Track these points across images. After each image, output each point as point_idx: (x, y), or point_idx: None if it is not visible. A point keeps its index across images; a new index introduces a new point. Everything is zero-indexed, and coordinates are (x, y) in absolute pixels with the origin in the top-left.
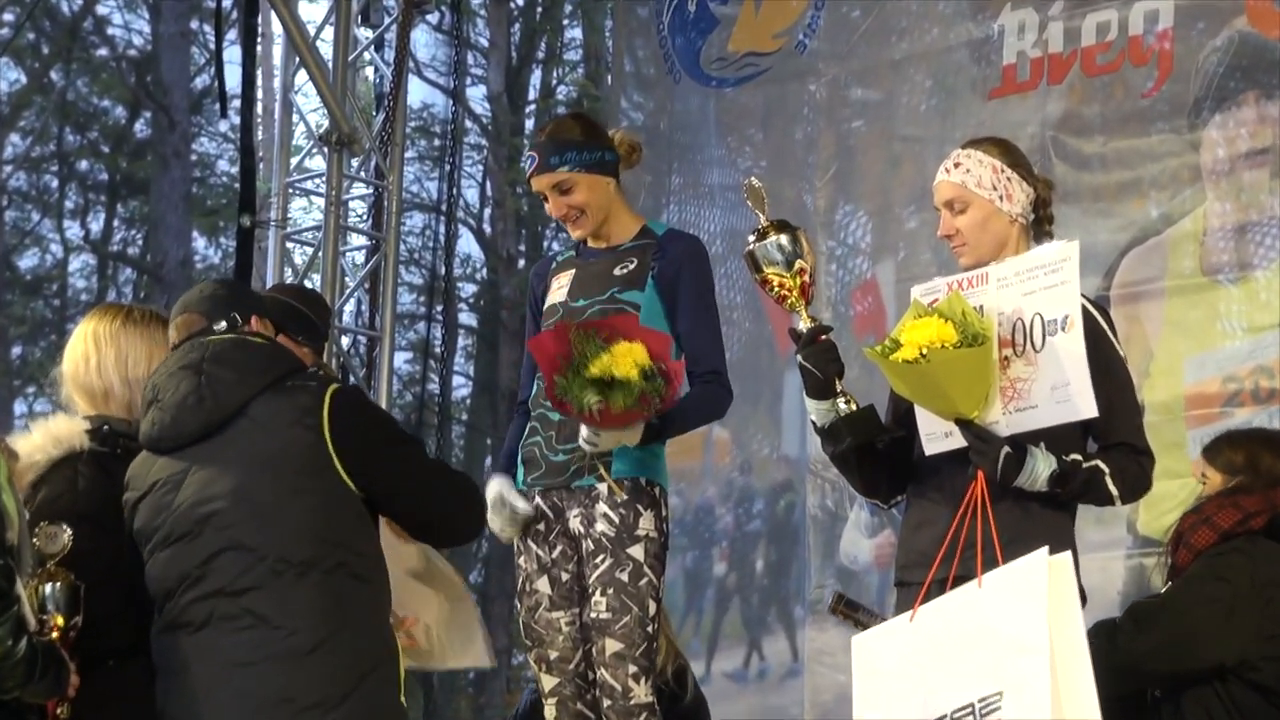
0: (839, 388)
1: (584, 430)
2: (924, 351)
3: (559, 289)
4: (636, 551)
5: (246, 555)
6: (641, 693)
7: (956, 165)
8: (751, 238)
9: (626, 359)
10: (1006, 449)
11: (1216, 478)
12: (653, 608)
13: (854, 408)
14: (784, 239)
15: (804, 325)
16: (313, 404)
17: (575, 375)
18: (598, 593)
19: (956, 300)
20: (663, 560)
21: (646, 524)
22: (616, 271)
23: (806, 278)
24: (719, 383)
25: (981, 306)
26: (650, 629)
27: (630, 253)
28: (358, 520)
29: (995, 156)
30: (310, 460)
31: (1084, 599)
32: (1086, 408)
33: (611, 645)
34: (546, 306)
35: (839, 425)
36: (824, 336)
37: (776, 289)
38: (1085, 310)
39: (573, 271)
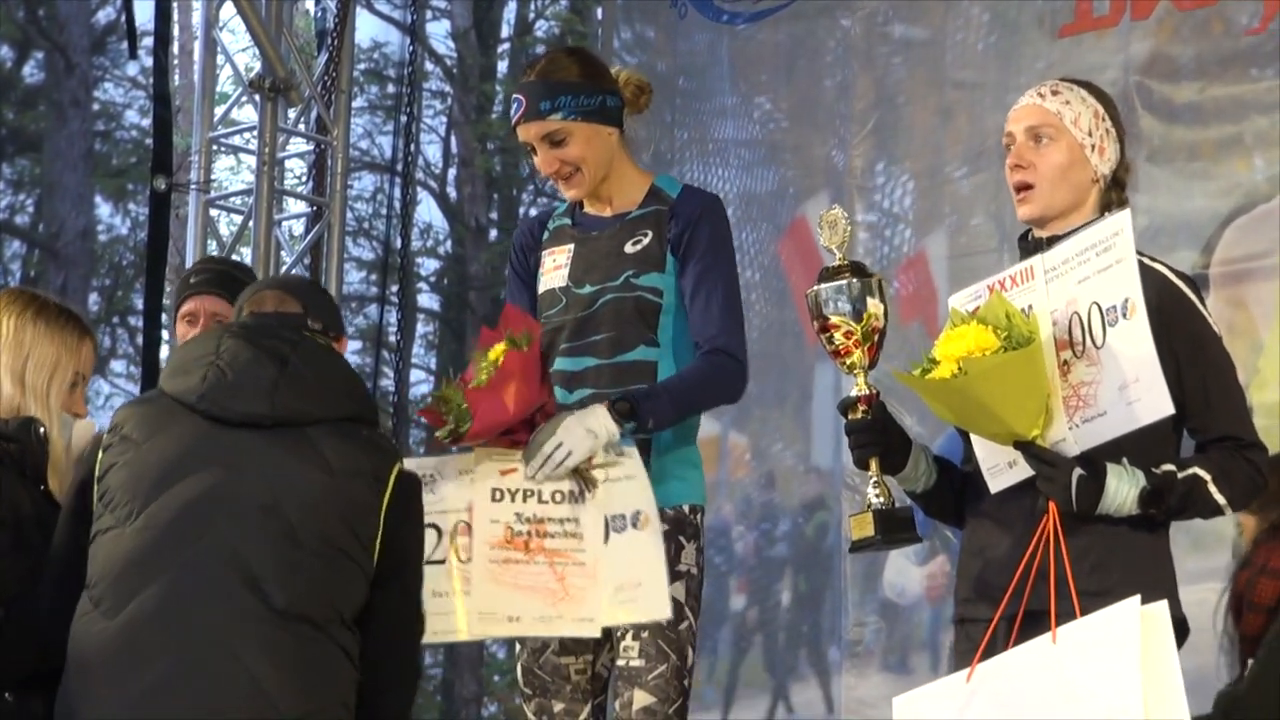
0: (874, 473)
1: (544, 450)
2: (961, 365)
3: (556, 268)
4: (677, 590)
5: (248, 589)
6: None
7: (1055, 93)
8: (820, 279)
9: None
10: (1079, 471)
11: (1250, 520)
12: (690, 657)
13: (886, 501)
14: (857, 284)
15: (855, 392)
16: (383, 468)
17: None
18: (629, 636)
19: (998, 302)
20: (700, 600)
21: (689, 558)
22: (629, 248)
23: (877, 338)
24: (726, 356)
25: (1030, 306)
26: (686, 683)
27: (642, 223)
28: (363, 601)
29: (1098, 101)
30: (365, 524)
31: (1186, 632)
32: (1161, 405)
33: (641, 698)
34: (544, 292)
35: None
36: (864, 409)
37: (839, 341)
38: (1164, 280)
39: (571, 246)
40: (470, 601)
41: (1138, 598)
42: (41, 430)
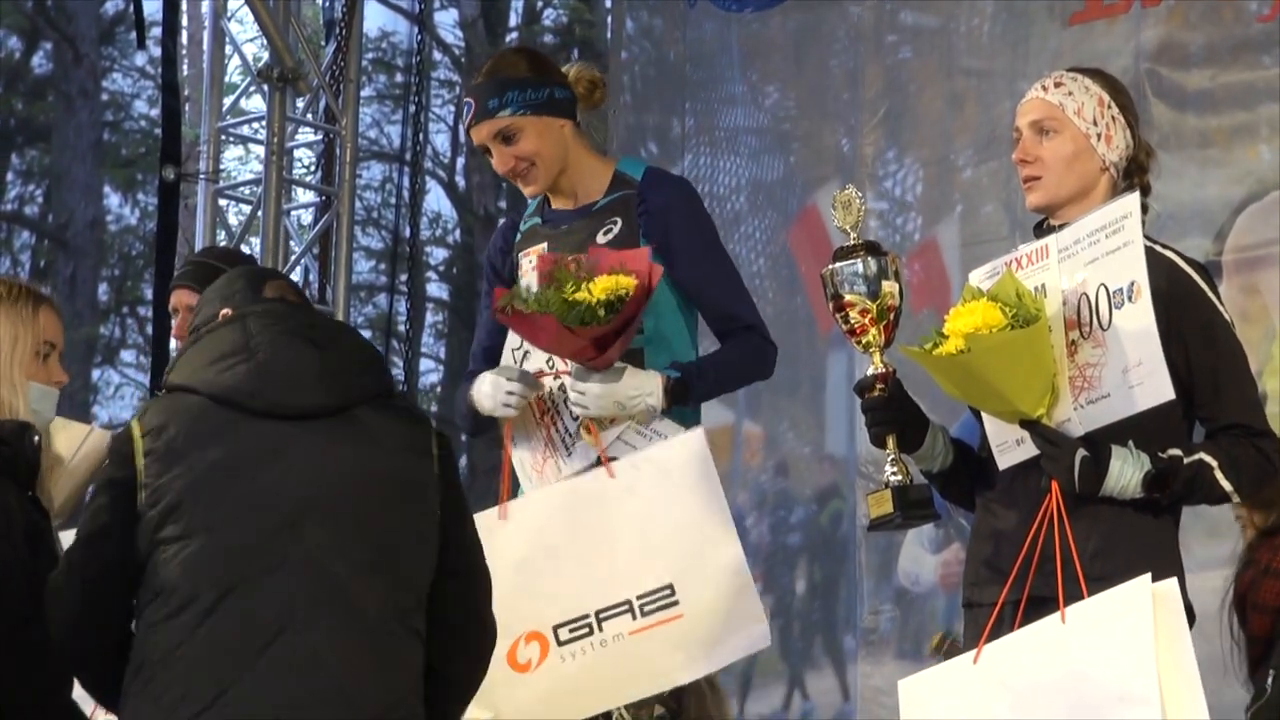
0: (891, 451)
1: (572, 387)
2: (967, 341)
3: (533, 268)
4: None
5: (337, 601)
6: None
7: (1057, 85)
8: (835, 259)
9: (602, 286)
10: (1082, 452)
11: (1253, 515)
12: None
13: (904, 479)
14: (873, 262)
15: (872, 370)
16: (425, 437)
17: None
18: None
19: (1009, 281)
20: None
21: None
22: (601, 238)
23: (892, 316)
24: (758, 335)
25: (1043, 285)
26: None
27: (609, 211)
28: (430, 577)
29: (1103, 88)
30: (430, 504)
31: (1192, 618)
32: (1160, 390)
33: None
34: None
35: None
36: (880, 387)
37: (854, 320)
38: (1174, 267)
39: (544, 245)
40: None
41: (1148, 576)
42: (37, 438)
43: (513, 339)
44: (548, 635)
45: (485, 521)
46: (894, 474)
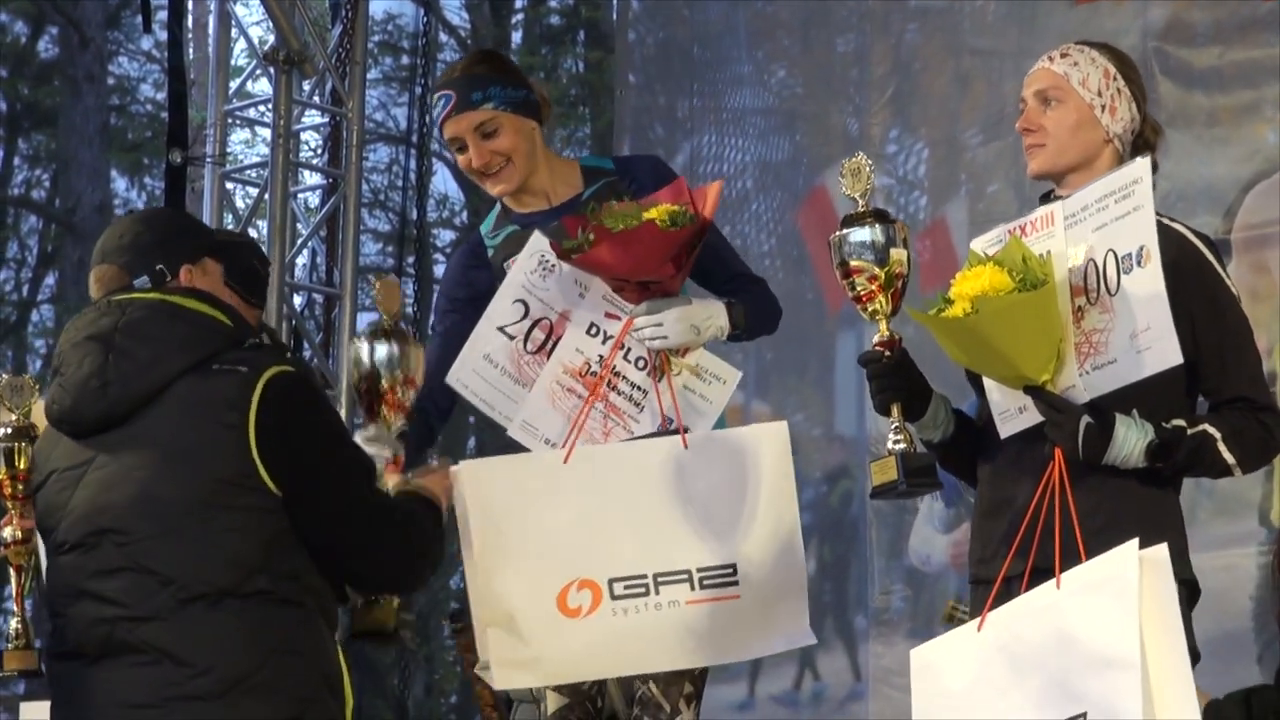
0: (896, 418)
1: (646, 323)
2: (974, 303)
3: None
4: None
5: (148, 579)
6: (689, 718)
7: (1064, 55)
8: (843, 226)
9: (657, 210)
10: (1087, 419)
11: None
12: None
13: (908, 446)
14: (880, 230)
15: (878, 337)
16: (239, 395)
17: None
18: None
19: (1015, 246)
20: None
21: None
22: None
23: (900, 284)
24: (766, 286)
25: (1048, 252)
26: None
27: (599, 198)
28: (285, 536)
29: (1109, 61)
30: (231, 467)
31: (1197, 594)
32: (1169, 355)
33: None
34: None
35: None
36: (887, 354)
37: (861, 287)
38: (1182, 239)
39: None
40: (521, 408)
41: (1135, 541)
42: None
43: (504, 315)
44: (602, 586)
45: (548, 461)
46: (898, 441)
